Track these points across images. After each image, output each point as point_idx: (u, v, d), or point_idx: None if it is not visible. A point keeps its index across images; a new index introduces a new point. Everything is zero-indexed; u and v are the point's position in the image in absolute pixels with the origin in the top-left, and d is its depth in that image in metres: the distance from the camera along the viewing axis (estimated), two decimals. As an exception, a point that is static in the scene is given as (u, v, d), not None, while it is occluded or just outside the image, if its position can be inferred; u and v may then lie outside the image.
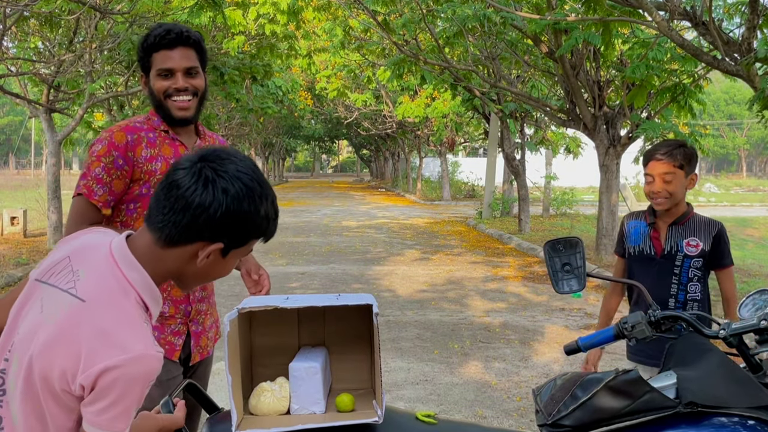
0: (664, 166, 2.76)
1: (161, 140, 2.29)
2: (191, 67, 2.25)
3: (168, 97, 2.24)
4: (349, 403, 1.84)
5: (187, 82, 2.25)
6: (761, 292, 1.98)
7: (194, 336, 2.35)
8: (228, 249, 1.44)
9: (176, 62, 2.22)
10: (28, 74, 11.05)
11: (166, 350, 2.28)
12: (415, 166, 32.75)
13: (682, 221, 2.85)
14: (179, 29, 2.24)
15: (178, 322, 2.32)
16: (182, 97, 2.24)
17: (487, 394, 4.83)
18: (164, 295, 2.28)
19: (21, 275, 9.08)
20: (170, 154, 2.29)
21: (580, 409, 1.63)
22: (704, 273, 2.84)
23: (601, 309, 3.15)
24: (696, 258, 2.81)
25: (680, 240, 2.83)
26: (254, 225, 1.44)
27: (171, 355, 2.29)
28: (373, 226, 16.72)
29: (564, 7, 9.16)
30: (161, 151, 2.27)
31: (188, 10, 9.85)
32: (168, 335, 2.30)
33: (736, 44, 5.76)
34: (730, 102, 60.90)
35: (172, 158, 2.28)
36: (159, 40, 2.22)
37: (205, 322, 2.40)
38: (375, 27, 11.80)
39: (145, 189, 2.24)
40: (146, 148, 2.25)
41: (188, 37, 2.24)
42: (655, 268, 2.85)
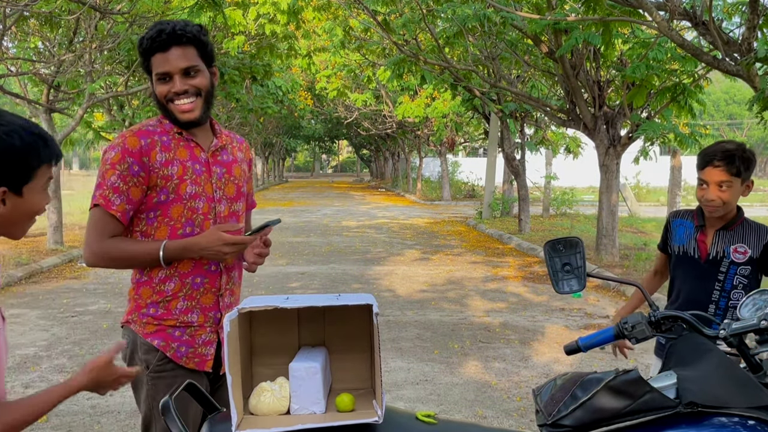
0: (720, 174, 2.61)
1: (176, 143, 2.18)
2: (189, 66, 2.12)
3: (170, 101, 2.14)
4: (349, 403, 1.84)
5: (185, 83, 2.12)
6: (761, 292, 1.98)
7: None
8: (16, 188, 1.47)
9: (172, 64, 2.10)
10: (28, 74, 11.05)
11: (196, 363, 2.21)
12: (415, 166, 32.76)
13: (732, 227, 2.73)
14: (172, 27, 2.11)
15: (208, 330, 2.23)
16: (183, 100, 2.13)
17: (487, 394, 4.83)
18: (193, 303, 2.21)
19: (21, 275, 9.09)
20: (186, 156, 2.18)
21: (580, 409, 1.63)
22: (752, 281, 2.70)
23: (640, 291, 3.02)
24: (743, 266, 2.69)
25: (727, 246, 2.71)
26: (21, 156, 1.45)
27: (203, 367, 2.21)
28: (373, 226, 16.73)
29: (564, 7, 9.16)
30: (176, 154, 2.17)
31: (188, 10, 9.85)
32: (199, 347, 2.21)
33: (736, 44, 5.76)
34: (730, 102, 60.91)
35: (188, 161, 2.18)
36: (152, 43, 2.11)
37: None
38: (375, 27, 11.80)
39: (163, 196, 2.14)
40: (161, 152, 2.14)
41: (182, 34, 2.10)
42: (698, 271, 2.75)
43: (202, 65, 2.16)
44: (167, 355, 2.17)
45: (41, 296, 8.08)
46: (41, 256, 10.48)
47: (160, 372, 2.18)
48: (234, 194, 2.28)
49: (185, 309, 2.20)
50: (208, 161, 2.22)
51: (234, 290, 2.33)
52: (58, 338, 6.19)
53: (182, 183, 2.16)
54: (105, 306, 7.53)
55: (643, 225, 17.46)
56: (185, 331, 2.20)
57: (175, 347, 2.18)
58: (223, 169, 2.25)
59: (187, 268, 2.19)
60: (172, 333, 2.18)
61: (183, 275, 2.19)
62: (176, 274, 2.19)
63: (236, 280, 2.33)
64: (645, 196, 27.71)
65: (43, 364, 5.45)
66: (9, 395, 4.88)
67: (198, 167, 2.20)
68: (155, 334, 2.18)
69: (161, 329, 2.18)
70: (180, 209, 2.16)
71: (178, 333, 2.19)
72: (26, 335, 6.31)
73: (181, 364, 2.18)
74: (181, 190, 2.16)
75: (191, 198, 2.17)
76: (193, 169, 2.19)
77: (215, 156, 2.25)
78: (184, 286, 2.20)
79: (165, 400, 1.77)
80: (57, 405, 1.61)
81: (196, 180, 2.18)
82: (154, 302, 2.19)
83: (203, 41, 2.17)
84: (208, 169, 2.22)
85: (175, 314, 2.19)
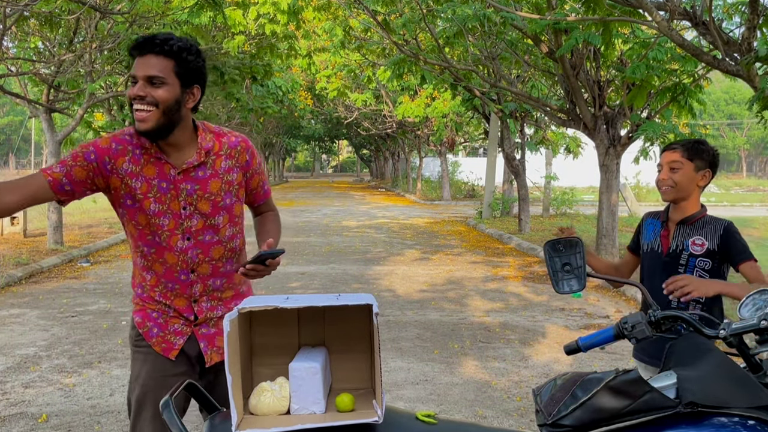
0: (673, 154, 2.77)
1: (146, 159, 2.22)
2: (153, 76, 2.11)
3: (131, 105, 2.15)
4: (349, 403, 1.84)
5: (144, 90, 2.11)
6: (761, 292, 1.98)
7: (206, 338, 2.33)
8: None
9: (140, 69, 2.12)
10: (28, 74, 11.05)
11: (163, 348, 2.30)
12: (415, 166, 32.76)
13: (691, 221, 2.82)
14: (154, 36, 2.14)
15: (182, 323, 2.32)
16: (139, 105, 2.12)
17: (487, 394, 4.83)
18: (169, 301, 2.31)
19: (21, 275, 9.08)
20: (153, 174, 2.22)
21: (580, 409, 1.63)
22: (716, 274, 2.77)
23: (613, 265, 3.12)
24: (702, 257, 2.77)
25: (687, 239, 2.80)
26: None
27: (167, 353, 2.29)
28: (373, 226, 16.73)
29: (564, 7, 9.16)
30: (143, 170, 2.21)
31: (188, 10, 9.85)
32: (169, 333, 2.31)
33: (736, 44, 5.76)
34: (730, 102, 60.91)
35: (155, 178, 2.21)
36: (134, 45, 2.16)
37: (220, 324, 2.35)
38: (375, 27, 11.80)
39: (129, 201, 2.23)
40: (128, 162, 2.21)
41: (160, 44, 2.12)
42: (661, 265, 2.84)
43: (172, 80, 2.14)
44: (141, 332, 2.32)
45: (41, 296, 8.08)
46: (41, 256, 10.47)
47: (137, 347, 2.34)
48: (209, 210, 2.27)
49: (162, 301, 2.34)
50: (176, 179, 2.23)
51: (216, 295, 2.35)
52: (58, 338, 6.19)
53: (146, 200, 2.23)
54: (105, 306, 7.53)
55: (643, 225, 17.46)
56: (161, 314, 2.31)
57: (149, 326, 2.31)
58: (196, 186, 2.25)
59: (161, 270, 2.29)
60: (150, 313, 2.32)
61: (158, 274, 2.30)
62: (153, 270, 2.30)
63: (217, 286, 2.35)
64: (645, 196, 27.71)
65: (43, 364, 5.45)
66: (8, 395, 4.86)
67: (165, 185, 2.23)
68: (138, 311, 2.35)
69: (143, 308, 2.34)
70: (144, 219, 2.25)
71: (155, 314, 2.31)
72: (26, 335, 6.31)
73: (150, 344, 2.30)
74: (144, 205, 2.23)
75: (155, 215, 2.24)
76: (159, 187, 2.22)
77: (187, 173, 2.24)
78: (160, 284, 2.30)
79: (165, 400, 1.77)
80: None
81: (160, 198, 2.23)
82: (140, 284, 2.35)
83: (184, 58, 2.15)
84: (176, 186, 2.23)
85: (154, 301, 2.33)
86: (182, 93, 2.18)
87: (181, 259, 2.27)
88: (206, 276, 2.31)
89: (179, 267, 2.27)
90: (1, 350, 5.82)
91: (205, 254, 2.29)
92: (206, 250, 2.29)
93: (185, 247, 2.26)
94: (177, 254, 2.26)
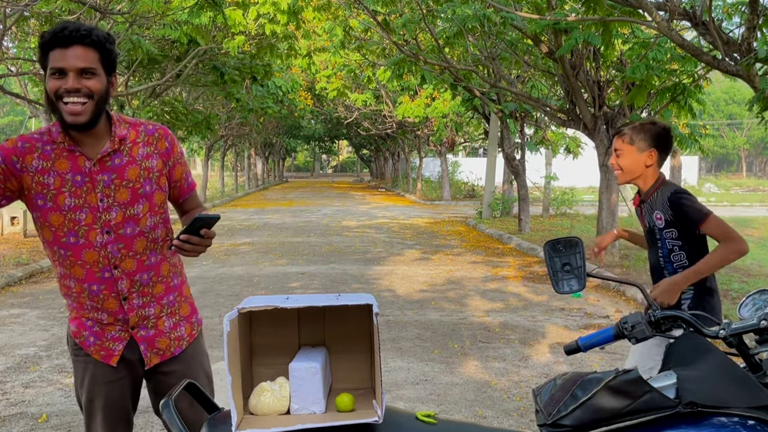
0: (617, 141, 3.00)
1: (57, 153, 2.16)
2: (86, 68, 2.07)
3: (59, 98, 2.08)
4: (349, 403, 1.84)
5: (79, 82, 2.07)
6: (761, 292, 1.98)
7: (145, 340, 2.31)
8: None
9: (69, 62, 2.06)
10: (28, 74, 11.06)
11: (102, 356, 2.28)
12: (415, 166, 32.76)
13: (647, 198, 2.99)
14: (77, 27, 2.08)
15: (118, 329, 2.28)
16: (73, 98, 2.07)
17: (487, 394, 4.83)
18: (98, 305, 2.25)
19: (21, 275, 9.09)
20: (66, 168, 2.16)
21: (580, 409, 1.63)
22: (686, 242, 2.90)
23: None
24: (666, 230, 2.92)
25: (651, 215, 2.96)
26: None
27: (108, 360, 2.28)
28: (373, 226, 16.73)
29: (564, 7, 9.16)
30: (55, 165, 2.16)
31: (188, 10, 9.85)
32: (106, 341, 2.28)
33: (736, 44, 5.76)
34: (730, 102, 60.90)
35: (68, 173, 2.16)
36: (53, 36, 2.07)
37: (159, 324, 2.32)
38: (375, 27, 11.80)
39: (41, 201, 2.17)
40: (38, 159, 2.15)
41: (86, 35, 2.07)
42: (649, 242, 3.05)
43: (100, 70, 2.13)
44: (77, 341, 2.30)
45: (41, 296, 8.08)
46: (41, 255, 10.48)
47: (76, 355, 2.33)
48: (128, 198, 2.21)
49: (92, 308, 2.27)
50: (92, 170, 2.18)
51: (147, 291, 2.29)
52: (58, 338, 6.19)
53: (60, 195, 2.16)
54: (105, 306, 7.53)
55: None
56: (96, 323, 2.29)
57: (85, 335, 2.29)
58: (113, 175, 2.20)
59: (80, 275, 2.23)
60: (85, 322, 2.30)
61: (79, 280, 2.24)
62: (73, 277, 2.24)
63: (145, 281, 2.28)
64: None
65: (43, 364, 5.45)
66: (8, 395, 4.85)
67: (79, 179, 2.17)
68: (74, 320, 2.32)
69: (78, 317, 2.31)
70: (60, 219, 2.18)
71: (89, 323, 2.29)
72: (26, 335, 6.31)
73: (89, 353, 2.29)
74: (59, 201, 2.17)
75: (71, 210, 2.17)
76: (73, 181, 2.17)
77: (103, 163, 2.19)
78: (84, 290, 2.25)
79: (165, 401, 1.77)
80: None
81: (76, 192, 2.17)
82: (67, 295, 2.31)
83: (108, 48, 2.14)
84: (92, 178, 2.18)
85: (85, 309, 2.28)
86: (108, 82, 2.17)
87: (102, 255, 2.20)
88: (131, 271, 2.24)
89: (101, 264, 2.20)
90: (1, 350, 5.82)
91: (128, 248, 2.22)
92: (129, 244, 2.22)
93: (105, 242, 2.19)
94: (97, 250, 2.19)
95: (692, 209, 2.82)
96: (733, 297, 7.59)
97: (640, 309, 7.25)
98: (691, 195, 2.89)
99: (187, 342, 2.40)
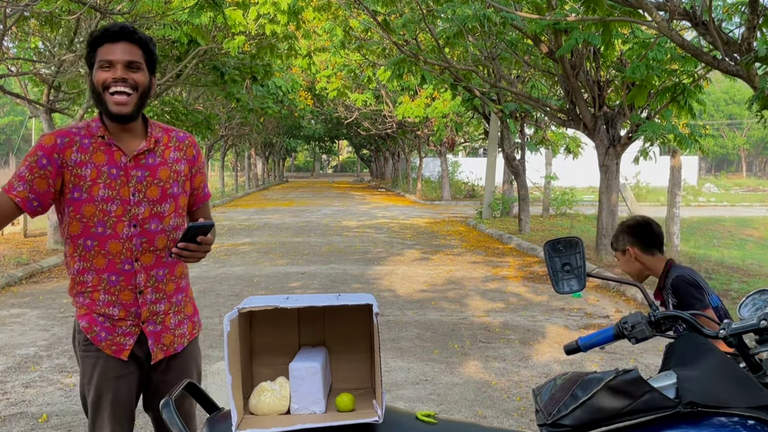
0: (616, 256, 3.19)
1: (95, 147, 2.27)
2: (132, 61, 2.23)
3: (106, 89, 2.22)
4: (349, 403, 1.84)
5: (126, 74, 2.22)
6: (761, 292, 1.98)
7: (153, 335, 2.37)
8: None
9: (117, 55, 2.21)
10: (29, 74, 11.06)
11: (114, 350, 2.32)
12: (415, 166, 32.77)
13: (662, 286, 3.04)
14: (124, 25, 2.26)
15: (129, 323, 2.34)
16: (120, 88, 2.21)
17: (487, 394, 4.83)
18: (113, 298, 2.31)
19: (21, 275, 9.09)
20: (103, 161, 2.27)
21: (580, 408, 1.63)
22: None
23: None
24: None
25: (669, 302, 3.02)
26: None
27: (119, 355, 2.33)
28: (373, 226, 16.73)
29: (564, 7, 9.16)
30: (92, 157, 2.26)
31: (188, 10, 9.85)
32: (118, 336, 2.33)
33: (736, 44, 5.76)
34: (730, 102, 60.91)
35: (104, 165, 2.26)
36: (103, 33, 2.23)
37: (166, 321, 2.39)
38: (375, 27, 11.80)
39: (77, 194, 2.25)
40: (76, 152, 2.24)
41: (133, 33, 2.25)
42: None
43: (144, 66, 2.28)
44: (89, 337, 2.33)
45: (42, 296, 8.09)
46: (41, 256, 10.48)
47: (86, 351, 2.35)
48: (157, 196, 2.34)
49: (106, 302, 2.32)
50: (127, 166, 2.29)
51: (160, 287, 2.37)
52: (59, 338, 6.19)
53: (95, 185, 2.26)
54: (105, 306, 7.53)
55: (643, 225, 17.42)
56: (107, 319, 2.32)
57: (96, 331, 2.32)
58: (146, 173, 2.32)
59: (102, 265, 2.30)
60: (96, 318, 2.33)
61: (98, 270, 2.31)
62: (92, 269, 2.31)
63: (160, 278, 2.37)
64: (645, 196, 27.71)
65: (43, 363, 5.45)
66: (9, 395, 4.85)
67: (114, 172, 2.28)
68: (84, 316, 2.34)
69: (88, 313, 2.33)
70: (92, 209, 2.26)
71: (101, 319, 2.33)
72: (26, 335, 6.31)
73: (100, 348, 2.32)
74: (93, 192, 2.26)
75: (103, 201, 2.27)
76: (109, 173, 2.27)
77: (138, 160, 2.32)
78: (101, 281, 2.31)
79: (165, 400, 1.77)
80: None
81: (110, 184, 2.27)
82: (80, 292, 2.34)
83: (150, 49, 2.31)
84: (126, 173, 2.29)
85: (98, 305, 2.32)
86: (152, 79, 2.32)
87: (125, 247, 2.29)
88: (149, 266, 2.33)
89: (123, 256, 2.29)
90: (1, 350, 5.82)
91: (149, 243, 2.32)
92: (151, 239, 2.32)
93: (130, 235, 2.29)
94: (122, 242, 2.28)
95: (693, 298, 2.82)
96: (733, 297, 7.59)
97: (640, 309, 7.26)
98: (693, 282, 2.85)
99: (188, 340, 2.48)
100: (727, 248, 13.49)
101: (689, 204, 26.70)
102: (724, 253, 12.48)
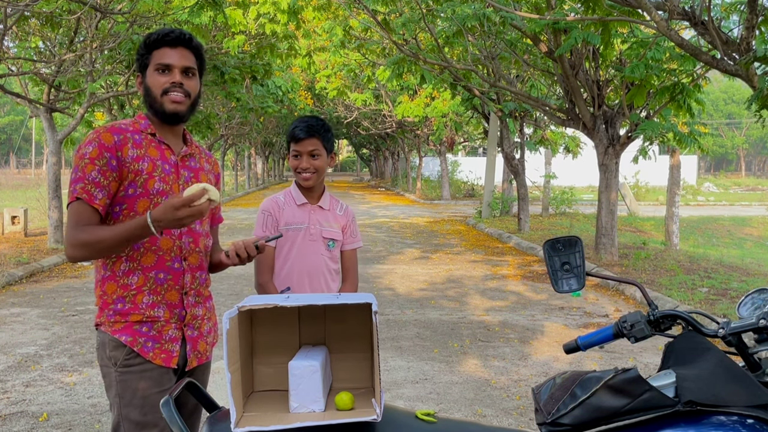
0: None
1: (147, 142, 2.28)
2: (189, 67, 2.28)
3: (165, 93, 2.25)
4: (348, 402, 1.85)
5: (183, 79, 2.27)
6: (760, 291, 1.99)
7: (191, 341, 2.31)
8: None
9: (175, 59, 2.26)
10: (29, 74, 11.05)
11: (163, 359, 2.23)
12: (414, 165, 32.77)
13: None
14: (182, 31, 2.32)
15: (173, 327, 2.27)
16: (178, 93, 2.26)
17: (486, 393, 4.84)
18: (158, 298, 2.24)
19: (22, 274, 9.09)
20: (156, 155, 2.28)
21: (579, 407, 1.63)
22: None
23: None
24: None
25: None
26: None
27: (169, 363, 2.23)
28: (373, 225, 16.73)
29: (563, 7, 9.17)
30: (147, 152, 2.26)
31: (189, 10, 9.85)
32: (165, 343, 2.24)
33: (735, 44, 5.77)
34: (729, 101, 60.94)
35: (158, 160, 2.27)
36: (162, 37, 2.27)
37: (202, 326, 2.36)
38: (375, 26, 11.80)
39: (131, 189, 2.21)
40: (132, 148, 2.23)
41: (190, 40, 2.31)
42: None
43: (197, 73, 2.35)
44: (135, 350, 2.19)
45: (42, 295, 8.09)
46: (42, 255, 10.48)
47: (128, 367, 2.19)
48: None
49: (151, 303, 2.23)
50: (177, 164, 2.32)
51: (201, 291, 2.36)
52: (59, 337, 6.20)
53: (151, 179, 2.24)
54: (105, 305, 7.53)
55: (642, 224, 17.46)
56: (152, 327, 2.23)
57: (142, 342, 2.21)
58: (191, 174, 2.36)
59: (150, 262, 2.24)
60: (139, 329, 2.21)
61: (146, 269, 2.23)
62: (139, 268, 2.22)
63: (202, 281, 2.37)
64: (644, 195, 27.73)
65: (43, 362, 5.45)
66: (9, 394, 4.85)
67: (167, 167, 2.29)
68: (122, 330, 2.20)
69: (128, 325, 2.21)
70: (146, 204, 2.22)
71: (145, 329, 2.22)
72: (27, 334, 6.31)
73: (149, 359, 2.20)
74: (149, 186, 2.24)
75: (158, 194, 2.25)
76: (162, 168, 2.28)
77: (184, 161, 2.36)
78: (148, 281, 2.23)
79: (165, 399, 1.77)
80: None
81: (165, 178, 2.28)
82: (120, 297, 2.22)
83: (202, 56, 2.37)
84: (177, 171, 2.32)
85: (141, 309, 2.22)
86: (200, 86, 2.39)
87: (176, 245, 2.27)
88: (195, 267, 2.34)
89: (173, 253, 2.26)
90: (1, 349, 5.83)
91: (195, 243, 2.33)
92: (196, 240, 2.34)
93: (180, 232, 2.29)
94: (173, 239, 2.26)
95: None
96: (732, 296, 7.60)
97: (639, 308, 7.27)
98: None
99: (211, 350, 2.46)
100: (726, 247, 13.49)
101: (688, 203, 26.71)
102: (723, 252, 12.49)
